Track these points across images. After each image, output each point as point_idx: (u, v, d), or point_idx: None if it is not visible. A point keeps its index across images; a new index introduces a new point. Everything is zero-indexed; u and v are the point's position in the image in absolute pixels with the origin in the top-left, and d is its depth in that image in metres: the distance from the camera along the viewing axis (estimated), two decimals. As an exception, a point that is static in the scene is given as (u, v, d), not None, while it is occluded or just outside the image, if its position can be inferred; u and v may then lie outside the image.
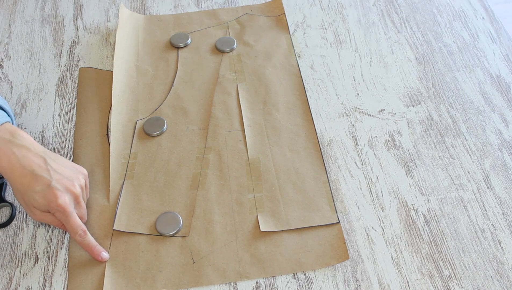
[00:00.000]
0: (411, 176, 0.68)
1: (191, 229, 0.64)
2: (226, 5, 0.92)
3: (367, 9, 0.91)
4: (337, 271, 0.60)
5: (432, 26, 0.87)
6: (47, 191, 0.58)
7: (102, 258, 0.61)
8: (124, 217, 0.65)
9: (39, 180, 0.59)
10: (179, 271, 0.61)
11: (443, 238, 0.62)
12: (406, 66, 0.82)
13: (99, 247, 0.61)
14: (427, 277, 0.59)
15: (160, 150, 0.72)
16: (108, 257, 0.62)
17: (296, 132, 0.73)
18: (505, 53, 0.83)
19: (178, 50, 0.85)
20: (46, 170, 0.60)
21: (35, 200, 0.59)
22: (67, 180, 0.60)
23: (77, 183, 0.61)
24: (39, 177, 0.59)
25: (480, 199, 0.66)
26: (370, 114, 0.75)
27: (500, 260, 0.61)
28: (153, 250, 0.63)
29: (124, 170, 0.70)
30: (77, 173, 0.63)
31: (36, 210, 0.60)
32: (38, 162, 0.60)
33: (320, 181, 0.68)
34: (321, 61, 0.83)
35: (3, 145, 0.60)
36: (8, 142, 0.60)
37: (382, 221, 0.64)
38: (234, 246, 0.62)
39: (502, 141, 0.71)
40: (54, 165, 0.61)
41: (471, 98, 0.77)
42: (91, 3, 0.93)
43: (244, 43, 0.85)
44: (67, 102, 0.78)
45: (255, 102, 0.77)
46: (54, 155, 0.63)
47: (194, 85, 0.80)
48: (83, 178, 0.63)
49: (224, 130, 0.73)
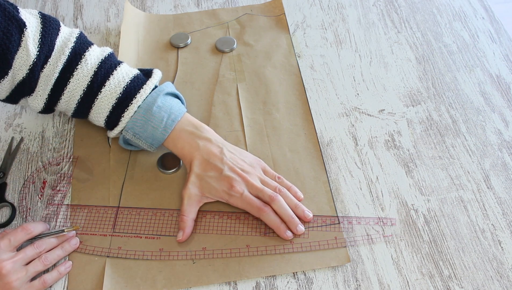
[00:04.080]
0: (411, 176, 0.68)
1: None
2: (226, 5, 0.92)
3: (367, 9, 0.91)
4: (337, 271, 0.60)
5: (432, 26, 0.87)
6: (220, 177, 0.63)
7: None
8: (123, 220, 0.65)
9: (213, 167, 0.63)
10: (179, 271, 0.61)
11: (443, 238, 0.62)
12: (406, 66, 0.82)
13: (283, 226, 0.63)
14: (427, 277, 0.59)
15: (160, 150, 0.72)
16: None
17: (296, 132, 0.73)
18: (505, 53, 0.83)
19: (178, 50, 0.85)
20: (220, 159, 0.63)
21: (208, 183, 0.63)
22: (238, 169, 0.63)
23: (250, 171, 0.64)
24: (213, 165, 0.63)
25: (480, 199, 0.66)
26: (370, 114, 0.75)
27: (500, 260, 0.61)
28: (153, 250, 0.63)
29: (124, 170, 0.70)
30: (252, 164, 0.66)
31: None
32: (215, 151, 0.64)
33: (320, 181, 0.68)
34: (321, 61, 0.83)
35: (188, 136, 0.66)
36: (192, 134, 0.66)
37: (382, 221, 0.64)
38: (234, 246, 0.62)
39: (502, 141, 0.71)
40: (229, 155, 0.65)
41: (471, 98, 0.77)
42: (91, 3, 0.93)
43: (244, 43, 0.85)
44: (67, 102, 0.78)
45: (255, 102, 0.77)
46: (233, 147, 0.67)
47: (194, 85, 0.80)
48: (259, 167, 0.66)
49: (224, 130, 0.73)
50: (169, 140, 0.66)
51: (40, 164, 0.71)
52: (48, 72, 0.64)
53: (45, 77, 0.65)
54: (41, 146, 0.73)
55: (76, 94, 0.66)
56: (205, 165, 0.64)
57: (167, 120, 0.65)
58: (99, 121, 0.68)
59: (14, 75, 0.63)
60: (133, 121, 0.65)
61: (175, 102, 0.67)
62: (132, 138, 0.66)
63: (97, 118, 0.67)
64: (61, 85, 0.65)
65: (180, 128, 0.66)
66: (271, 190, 0.63)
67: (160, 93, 0.66)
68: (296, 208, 0.64)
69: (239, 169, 0.63)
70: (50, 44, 0.64)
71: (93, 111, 0.67)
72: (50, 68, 0.64)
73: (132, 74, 0.67)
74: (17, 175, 0.70)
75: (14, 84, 0.64)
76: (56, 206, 0.67)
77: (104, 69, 0.66)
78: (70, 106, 0.67)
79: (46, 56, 0.64)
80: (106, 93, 0.65)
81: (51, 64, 0.64)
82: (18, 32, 0.61)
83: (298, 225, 0.62)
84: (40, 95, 0.66)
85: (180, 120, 0.66)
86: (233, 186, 0.62)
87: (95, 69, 0.66)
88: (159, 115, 0.65)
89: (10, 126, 0.76)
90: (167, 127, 0.65)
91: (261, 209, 0.62)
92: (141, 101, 0.65)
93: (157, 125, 0.65)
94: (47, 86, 0.65)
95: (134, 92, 0.66)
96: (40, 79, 0.65)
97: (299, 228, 0.62)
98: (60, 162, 0.71)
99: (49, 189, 0.68)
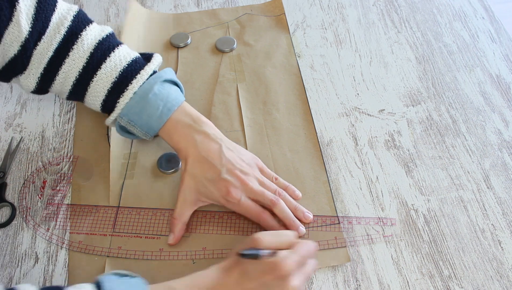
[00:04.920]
0: (411, 176, 0.68)
1: (191, 229, 0.64)
2: (226, 5, 0.92)
3: (367, 9, 0.91)
4: (337, 271, 0.60)
5: (432, 26, 0.87)
6: (217, 180, 0.60)
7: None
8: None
9: (211, 168, 0.61)
10: (179, 271, 0.61)
11: (443, 238, 0.62)
12: (406, 66, 0.82)
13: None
14: (427, 277, 0.59)
15: (160, 150, 0.72)
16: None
17: (296, 132, 0.73)
18: (505, 53, 0.83)
19: (178, 50, 0.85)
20: (219, 159, 0.61)
21: (205, 187, 0.61)
22: (238, 171, 0.61)
23: (249, 172, 0.62)
24: (211, 165, 0.61)
25: (480, 199, 0.66)
26: (370, 114, 0.75)
27: (500, 260, 0.61)
28: (153, 250, 0.63)
29: (124, 170, 0.70)
30: (249, 163, 0.63)
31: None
32: (214, 149, 0.61)
33: (320, 181, 0.68)
34: (321, 61, 0.83)
35: (184, 129, 0.62)
36: (189, 127, 0.63)
37: (382, 221, 0.64)
38: (235, 245, 0.62)
39: (502, 141, 0.71)
40: (228, 153, 0.62)
41: (471, 98, 0.77)
42: (91, 3, 0.93)
43: (244, 43, 0.85)
44: (67, 102, 0.78)
45: (255, 102, 0.77)
46: (231, 143, 0.64)
47: (194, 85, 0.80)
48: (256, 166, 0.64)
49: (224, 130, 0.73)
50: (164, 130, 0.64)
51: (40, 164, 0.71)
52: (41, 50, 0.61)
53: (38, 55, 0.61)
54: (41, 146, 0.73)
55: (71, 75, 0.63)
56: (202, 165, 0.61)
57: (163, 108, 0.62)
58: (95, 105, 0.65)
59: (5, 51, 0.60)
60: (128, 107, 0.62)
61: (173, 90, 0.64)
62: (127, 125, 0.64)
63: (93, 102, 0.65)
64: (55, 65, 0.62)
65: (176, 118, 0.63)
66: (271, 193, 0.62)
67: (157, 80, 0.63)
68: (296, 210, 0.63)
69: (238, 171, 0.61)
70: (45, 21, 0.61)
71: (89, 94, 0.64)
72: (43, 46, 0.61)
73: (130, 57, 0.64)
74: (17, 175, 0.70)
75: (5, 61, 0.61)
76: (56, 206, 0.67)
77: (101, 50, 0.63)
78: (65, 88, 0.64)
79: (39, 33, 0.61)
80: (101, 76, 0.63)
81: (45, 41, 0.61)
82: (10, 6, 0.58)
83: (299, 227, 0.62)
84: (32, 74, 0.63)
85: (176, 109, 0.63)
86: (230, 192, 0.60)
87: (91, 50, 0.62)
88: (155, 103, 0.62)
89: (10, 126, 0.76)
90: (162, 115, 0.62)
91: (260, 215, 0.61)
92: (137, 88, 0.62)
93: (152, 113, 0.62)
94: (40, 64, 0.62)
95: (130, 77, 0.63)
96: (33, 57, 0.61)
97: (300, 230, 0.62)
98: (60, 162, 0.71)
99: (49, 189, 0.68)
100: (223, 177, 0.60)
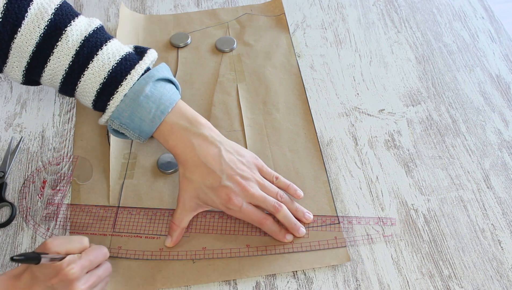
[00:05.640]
0: (411, 176, 0.68)
1: (191, 229, 0.64)
2: (226, 5, 0.92)
3: (367, 9, 0.91)
4: (337, 271, 0.60)
5: (432, 26, 0.87)
6: (218, 188, 0.59)
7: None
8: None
9: (211, 174, 0.59)
10: (179, 271, 0.61)
11: (443, 238, 0.62)
12: (406, 66, 0.82)
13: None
14: (427, 277, 0.59)
15: (160, 149, 0.72)
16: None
17: (296, 132, 0.73)
18: (505, 53, 0.83)
19: (178, 50, 0.85)
20: (218, 164, 0.59)
21: (205, 194, 0.59)
22: (238, 177, 0.59)
23: (249, 176, 0.60)
24: (211, 171, 0.59)
25: (480, 199, 0.66)
26: (370, 114, 0.75)
27: (500, 260, 0.61)
28: (153, 250, 0.63)
29: (124, 170, 0.70)
30: (249, 164, 0.62)
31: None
32: (213, 153, 0.59)
33: (320, 181, 0.68)
34: (321, 61, 0.83)
35: (181, 132, 0.60)
36: (185, 130, 0.60)
37: (382, 221, 0.64)
38: (234, 245, 0.62)
39: (502, 141, 0.71)
40: (228, 157, 0.60)
41: (471, 98, 0.77)
42: (91, 3, 0.93)
43: (244, 43, 0.85)
44: (67, 102, 0.78)
45: (255, 102, 0.77)
46: (230, 144, 0.62)
47: (194, 85, 0.80)
48: (255, 168, 0.62)
49: (224, 130, 0.73)
50: (159, 133, 0.61)
51: (40, 164, 0.71)
52: (20, 43, 0.58)
53: (18, 48, 0.58)
54: (41, 146, 0.73)
55: (58, 73, 0.60)
56: (201, 171, 0.59)
57: (155, 111, 0.59)
58: (86, 104, 0.62)
59: None
60: (118, 110, 0.59)
61: (167, 90, 0.61)
62: (119, 128, 0.61)
63: (83, 101, 0.62)
64: (40, 61, 0.59)
65: (171, 121, 0.60)
66: (273, 198, 0.61)
67: (149, 80, 0.59)
68: (297, 211, 0.63)
69: (238, 177, 0.59)
70: (19, 11, 0.57)
71: (78, 93, 0.61)
72: (22, 39, 0.58)
73: (120, 54, 0.60)
74: (17, 175, 0.70)
75: None
76: (56, 206, 0.67)
77: (87, 48, 0.59)
78: (54, 84, 0.62)
79: (14, 25, 0.57)
80: (89, 76, 0.59)
81: (23, 34, 0.58)
82: None
83: (300, 229, 0.62)
84: (16, 66, 0.60)
85: (171, 111, 0.60)
86: (231, 199, 0.58)
87: (76, 48, 0.59)
88: (147, 105, 0.59)
89: (10, 126, 0.76)
90: (155, 119, 0.59)
91: (262, 222, 0.61)
92: (127, 89, 0.59)
93: (144, 116, 0.59)
94: (23, 58, 0.59)
95: (120, 78, 0.59)
96: (12, 50, 0.58)
97: (300, 231, 0.62)
98: (60, 162, 0.71)
99: (49, 189, 0.68)
100: (223, 184, 0.59)
